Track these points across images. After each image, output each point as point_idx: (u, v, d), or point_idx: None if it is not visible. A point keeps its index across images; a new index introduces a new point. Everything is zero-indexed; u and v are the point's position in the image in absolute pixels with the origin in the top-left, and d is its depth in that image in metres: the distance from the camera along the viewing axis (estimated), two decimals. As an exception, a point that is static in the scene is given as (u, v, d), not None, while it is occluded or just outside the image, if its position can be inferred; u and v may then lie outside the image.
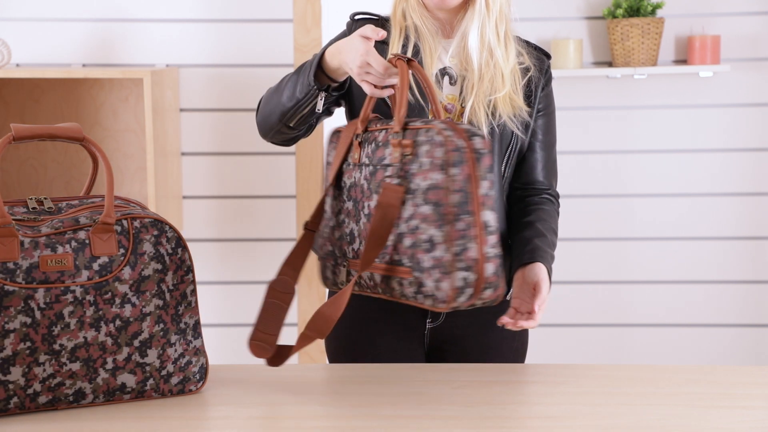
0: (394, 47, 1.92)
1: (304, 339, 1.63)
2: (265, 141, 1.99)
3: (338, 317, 1.60)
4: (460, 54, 1.93)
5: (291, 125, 1.91)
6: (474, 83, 1.91)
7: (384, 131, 1.69)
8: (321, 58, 1.83)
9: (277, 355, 1.69)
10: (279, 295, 1.72)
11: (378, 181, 1.65)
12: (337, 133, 1.82)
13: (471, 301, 1.56)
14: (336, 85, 1.87)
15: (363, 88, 1.74)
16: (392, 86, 1.72)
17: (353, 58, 1.73)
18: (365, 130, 1.74)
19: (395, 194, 1.58)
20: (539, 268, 1.85)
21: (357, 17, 2.00)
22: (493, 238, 1.55)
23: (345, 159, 1.75)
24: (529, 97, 1.97)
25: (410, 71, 1.68)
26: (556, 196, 2.06)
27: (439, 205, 1.54)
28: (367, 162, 1.70)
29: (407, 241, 1.58)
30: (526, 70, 1.97)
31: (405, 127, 1.63)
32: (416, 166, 1.58)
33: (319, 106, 1.85)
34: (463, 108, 1.92)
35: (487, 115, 1.91)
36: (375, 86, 1.72)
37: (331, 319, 1.60)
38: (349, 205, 1.72)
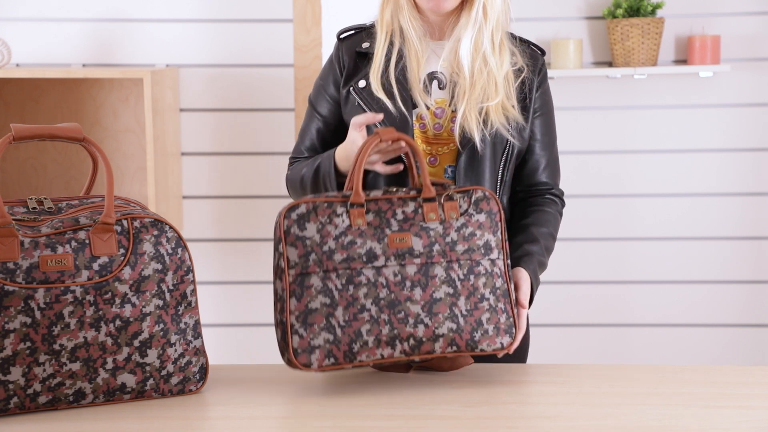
0: (379, 54, 1.91)
1: None
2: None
3: None
4: (452, 58, 1.92)
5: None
6: (465, 90, 1.90)
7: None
8: (335, 168, 1.89)
9: None
10: None
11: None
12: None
13: None
14: None
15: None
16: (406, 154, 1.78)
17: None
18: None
19: None
20: (520, 272, 1.81)
21: (342, 36, 2.01)
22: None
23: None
24: (524, 100, 1.96)
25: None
26: (560, 195, 2.04)
27: None
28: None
29: None
30: (519, 71, 1.95)
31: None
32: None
33: None
34: (454, 113, 1.91)
35: (479, 123, 1.89)
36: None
37: None
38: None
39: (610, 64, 3.42)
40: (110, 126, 3.32)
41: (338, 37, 2.01)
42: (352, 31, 2.00)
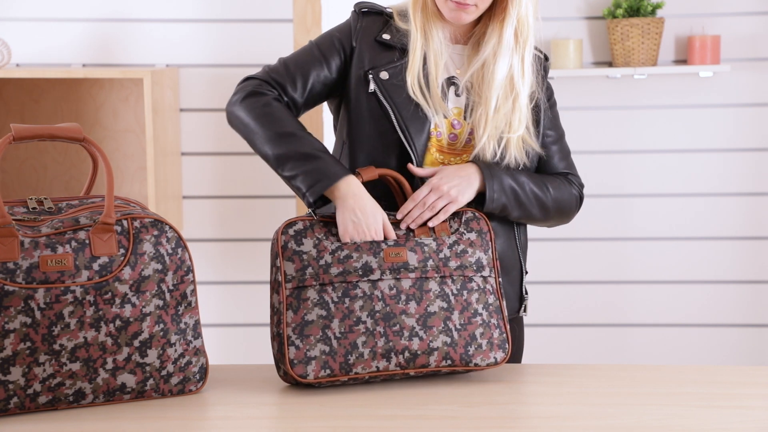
0: (417, 55, 1.84)
1: None
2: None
3: None
4: (474, 70, 1.85)
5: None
6: (488, 116, 1.83)
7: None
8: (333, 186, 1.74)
9: None
10: None
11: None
12: None
13: None
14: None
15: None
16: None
17: (370, 229, 1.72)
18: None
19: None
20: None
21: (363, 9, 1.91)
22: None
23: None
24: (537, 122, 1.91)
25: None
26: (577, 182, 1.96)
27: None
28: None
29: None
30: (533, 93, 1.90)
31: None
32: None
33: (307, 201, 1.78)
34: (471, 134, 1.86)
35: (495, 154, 1.84)
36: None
37: None
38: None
39: (610, 64, 3.42)
40: (110, 126, 3.32)
41: (359, 10, 1.91)
42: (371, 11, 1.91)
